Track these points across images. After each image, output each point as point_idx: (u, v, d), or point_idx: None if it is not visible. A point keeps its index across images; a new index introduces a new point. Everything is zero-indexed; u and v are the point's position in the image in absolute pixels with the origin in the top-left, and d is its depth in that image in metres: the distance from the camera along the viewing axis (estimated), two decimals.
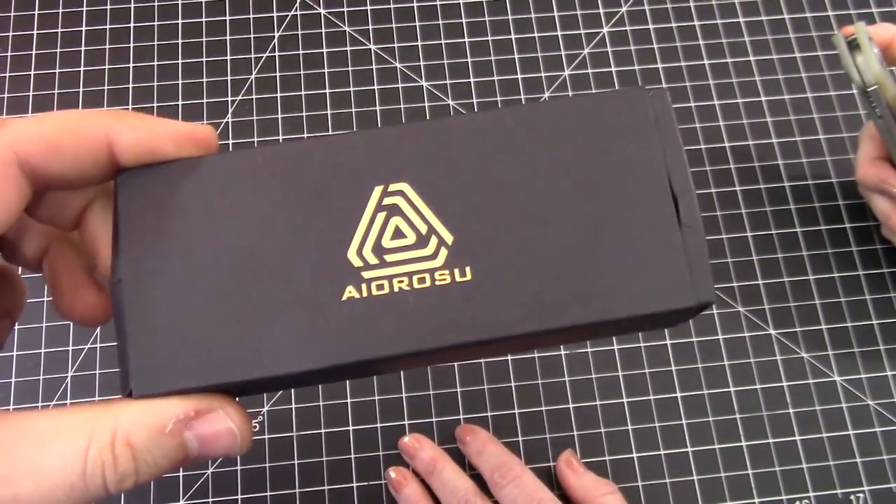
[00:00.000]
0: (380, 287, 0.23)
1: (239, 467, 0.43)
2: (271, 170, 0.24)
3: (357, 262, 0.23)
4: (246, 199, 0.23)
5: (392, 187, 0.23)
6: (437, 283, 0.23)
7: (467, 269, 0.23)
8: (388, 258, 0.23)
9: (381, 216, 0.23)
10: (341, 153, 0.24)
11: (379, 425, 0.44)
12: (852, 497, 0.43)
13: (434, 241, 0.23)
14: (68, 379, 0.45)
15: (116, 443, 0.21)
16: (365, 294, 0.23)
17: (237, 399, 0.24)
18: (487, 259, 0.23)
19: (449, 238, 0.23)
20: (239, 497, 0.43)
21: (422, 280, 0.23)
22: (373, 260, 0.23)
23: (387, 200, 0.23)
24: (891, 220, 0.45)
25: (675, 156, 0.23)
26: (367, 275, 0.23)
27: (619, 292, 0.23)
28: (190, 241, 0.23)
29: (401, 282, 0.23)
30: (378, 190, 0.23)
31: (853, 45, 0.41)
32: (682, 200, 0.23)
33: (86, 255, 0.27)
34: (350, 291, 0.23)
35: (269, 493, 0.43)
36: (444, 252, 0.23)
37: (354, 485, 0.43)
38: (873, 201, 0.46)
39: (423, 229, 0.23)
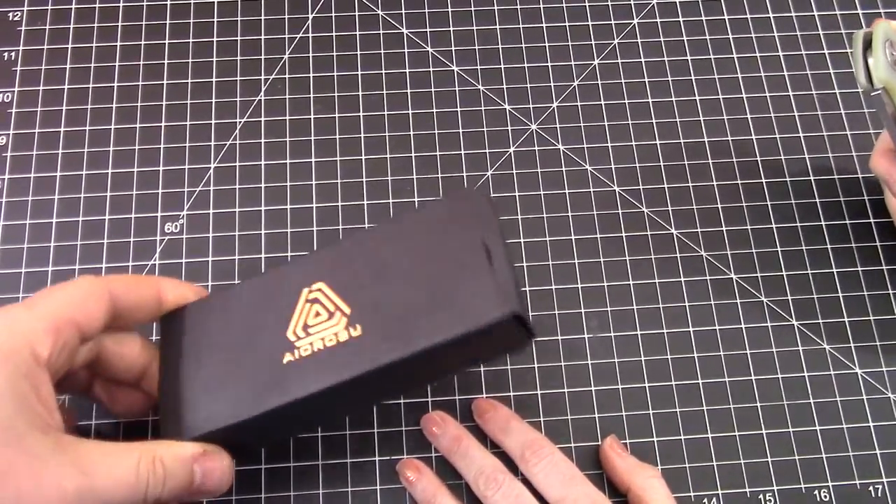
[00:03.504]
0: (306, 350, 0.35)
1: None
2: (244, 297, 0.38)
3: (292, 337, 0.35)
4: (229, 316, 0.37)
5: (314, 286, 0.36)
6: (340, 340, 0.34)
7: (358, 327, 0.34)
8: (311, 331, 0.35)
9: (308, 306, 0.36)
10: (286, 274, 0.37)
11: (402, 401, 0.45)
12: (870, 488, 0.44)
13: (339, 314, 0.35)
14: None
15: (155, 461, 0.32)
16: (297, 357, 0.35)
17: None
18: (371, 318, 0.34)
19: (348, 310, 0.35)
20: (262, 467, 0.43)
21: (331, 340, 0.34)
22: (302, 334, 0.35)
23: (311, 295, 0.36)
24: None
25: (492, 237, 0.34)
26: (298, 343, 0.35)
27: (450, 320, 0.33)
28: (193, 352, 0.37)
29: (319, 344, 0.34)
30: (306, 291, 0.36)
31: (870, 45, 0.39)
32: (493, 250, 0.34)
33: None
34: (287, 357, 0.35)
35: (292, 464, 0.43)
36: (343, 319, 0.35)
37: (377, 459, 0.44)
38: (886, 192, 0.47)
39: (332, 308, 0.35)
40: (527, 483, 0.41)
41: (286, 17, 0.54)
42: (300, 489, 0.43)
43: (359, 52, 0.53)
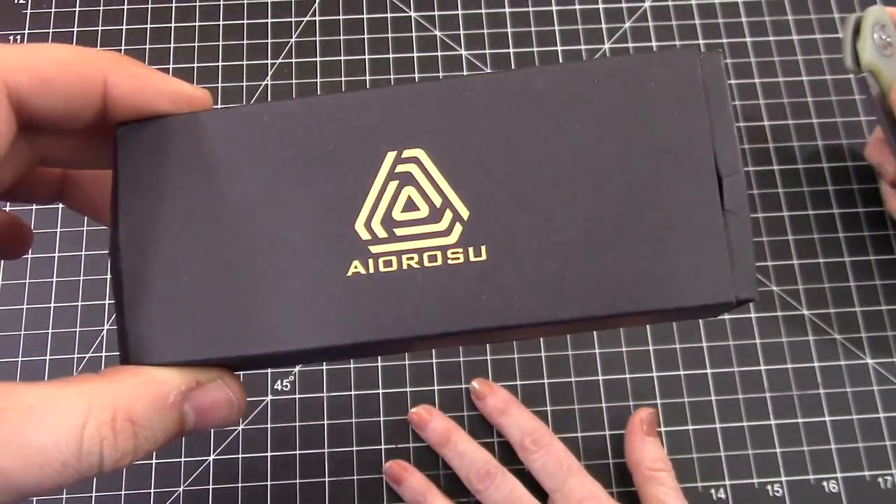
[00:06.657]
0: (388, 263, 0.21)
1: (269, 426, 0.44)
2: (277, 129, 0.22)
3: (365, 235, 0.22)
4: (249, 161, 0.22)
5: (406, 153, 0.22)
6: (450, 262, 0.21)
7: (483, 249, 0.21)
8: (399, 232, 0.22)
9: (392, 185, 0.22)
10: (352, 113, 0.22)
11: (409, 389, 0.45)
12: (880, 479, 0.43)
13: (449, 215, 0.21)
14: None
15: (118, 418, 0.20)
16: (371, 270, 0.21)
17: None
18: (505, 238, 0.21)
19: (465, 213, 0.21)
20: (268, 454, 0.43)
21: (433, 258, 0.21)
22: (381, 233, 0.22)
23: (400, 168, 0.22)
24: (888, 202, 0.47)
25: (723, 130, 0.21)
26: (374, 249, 0.21)
27: (648, 283, 0.21)
28: (191, 205, 0.22)
29: (410, 259, 0.21)
30: (391, 156, 0.22)
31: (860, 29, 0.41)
32: (727, 182, 0.21)
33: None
34: (356, 266, 0.21)
35: (298, 452, 0.43)
36: (458, 228, 0.21)
37: (382, 447, 0.44)
38: (881, 182, 0.47)
39: (438, 202, 0.22)
40: (522, 473, 0.41)
41: (293, 0, 0.53)
42: (305, 477, 0.43)
43: (366, 36, 0.52)
